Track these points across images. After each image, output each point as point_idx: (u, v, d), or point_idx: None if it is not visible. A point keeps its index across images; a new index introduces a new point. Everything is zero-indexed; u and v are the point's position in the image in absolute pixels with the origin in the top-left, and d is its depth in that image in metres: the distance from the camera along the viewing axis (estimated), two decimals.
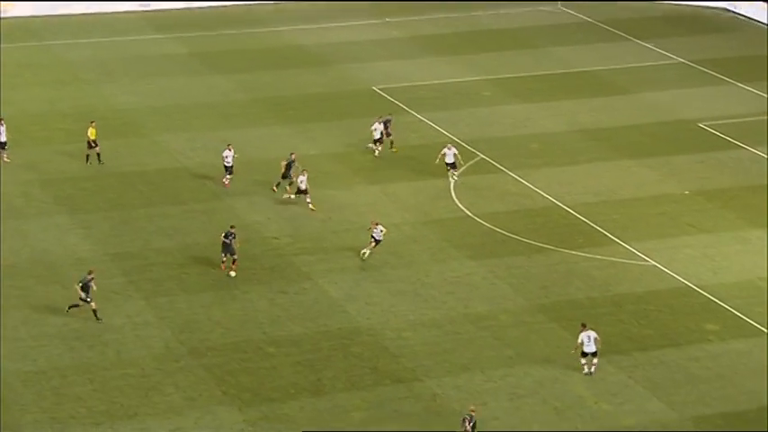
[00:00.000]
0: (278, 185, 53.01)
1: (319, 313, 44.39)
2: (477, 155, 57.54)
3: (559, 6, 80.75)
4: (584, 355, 40.60)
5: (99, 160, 55.62)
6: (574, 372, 41.03)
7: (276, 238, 49.93)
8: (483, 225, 51.35)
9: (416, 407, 39.19)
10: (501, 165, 56.43)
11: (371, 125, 57.48)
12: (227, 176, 53.75)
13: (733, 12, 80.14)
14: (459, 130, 60.89)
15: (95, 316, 43.09)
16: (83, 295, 42.91)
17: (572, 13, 79.89)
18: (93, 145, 55.28)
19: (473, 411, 36.82)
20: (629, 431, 38.14)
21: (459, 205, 53.08)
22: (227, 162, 53.52)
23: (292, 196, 52.19)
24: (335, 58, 71.29)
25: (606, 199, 53.99)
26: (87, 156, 55.58)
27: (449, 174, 54.68)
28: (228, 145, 54.00)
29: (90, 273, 43.38)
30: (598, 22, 78.62)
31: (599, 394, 39.91)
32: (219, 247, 46.89)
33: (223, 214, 51.71)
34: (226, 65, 70.02)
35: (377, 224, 47.66)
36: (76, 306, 43.25)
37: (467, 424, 36.47)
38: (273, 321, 43.75)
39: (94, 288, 43.12)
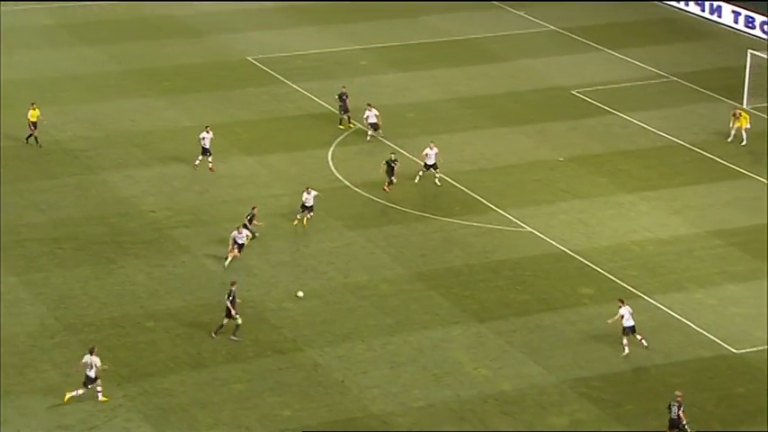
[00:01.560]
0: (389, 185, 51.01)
1: (198, 286, 44.04)
2: (355, 124, 57.55)
3: None
4: (625, 332, 40.14)
5: (37, 143, 54.01)
6: (452, 338, 41.45)
7: (153, 211, 49.32)
8: (361, 195, 51.42)
9: (298, 377, 39.19)
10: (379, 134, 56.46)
11: (363, 114, 55.82)
12: (202, 157, 51.75)
13: None
14: (336, 100, 60.79)
15: (234, 333, 40.15)
16: (232, 311, 39.93)
17: None
18: (33, 127, 53.88)
19: (680, 397, 35.83)
20: (508, 395, 38.68)
21: (338, 175, 53.05)
22: (205, 144, 51.89)
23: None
24: (208, 29, 70.50)
25: (482, 167, 54.49)
26: (28, 137, 54.07)
27: (420, 174, 51.55)
28: (206, 127, 52.30)
29: (233, 284, 40.40)
30: None
31: (478, 360, 40.37)
32: (95, 222, 45.97)
33: (97, 188, 50.90)
34: (95, 36, 68.70)
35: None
36: (221, 328, 40.32)
37: (676, 409, 35.48)
38: (151, 295, 43.26)
39: (239, 301, 40.53)
